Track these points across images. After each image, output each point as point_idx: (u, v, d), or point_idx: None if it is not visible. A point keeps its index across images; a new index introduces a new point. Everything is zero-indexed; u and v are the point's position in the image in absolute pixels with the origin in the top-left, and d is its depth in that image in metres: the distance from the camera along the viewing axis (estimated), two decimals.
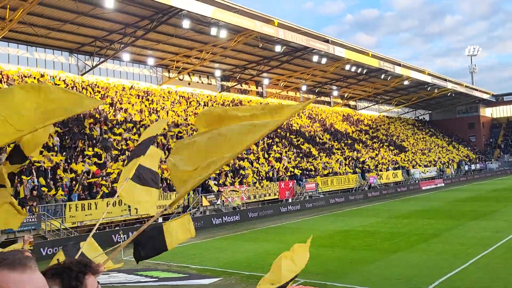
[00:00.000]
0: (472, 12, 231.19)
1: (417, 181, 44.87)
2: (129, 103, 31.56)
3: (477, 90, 70.09)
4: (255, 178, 29.84)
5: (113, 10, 25.55)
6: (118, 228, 20.57)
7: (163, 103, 34.56)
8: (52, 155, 21.85)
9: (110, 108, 29.74)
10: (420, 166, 50.11)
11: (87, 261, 1.69)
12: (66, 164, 21.89)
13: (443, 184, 46.65)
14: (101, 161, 23.39)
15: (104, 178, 22.05)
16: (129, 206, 21.38)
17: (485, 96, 72.70)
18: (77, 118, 26.47)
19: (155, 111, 32.39)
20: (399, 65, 48.16)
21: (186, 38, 32.01)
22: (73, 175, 21.43)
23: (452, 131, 75.47)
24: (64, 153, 22.72)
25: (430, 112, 79.72)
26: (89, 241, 3.80)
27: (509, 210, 24.10)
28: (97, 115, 27.66)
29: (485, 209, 25.10)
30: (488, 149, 75.76)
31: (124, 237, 19.22)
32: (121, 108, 30.22)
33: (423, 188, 43.16)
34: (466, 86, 65.45)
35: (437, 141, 67.06)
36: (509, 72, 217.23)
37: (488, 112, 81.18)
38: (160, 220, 22.96)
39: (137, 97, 33.40)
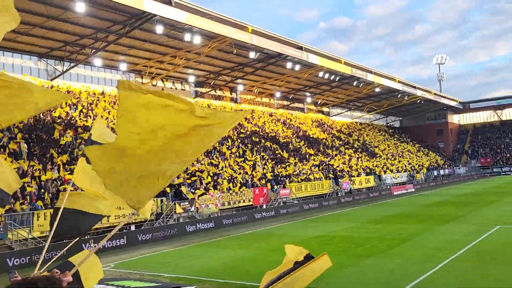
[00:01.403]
0: (441, 22, 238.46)
1: (388, 186, 45.67)
2: (102, 109, 31.00)
3: (445, 97, 72.15)
4: (231, 185, 29.74)
5: (84, 15, 25.09)
6: (88, 237, 20.05)
7: None
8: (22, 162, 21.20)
9: (81, 114, 29.13)
10: (391, 171, 51.06)
11: (56, 278, 1.59)
12: (35, 171, 21.25)
13: (413, 189, 47.62)
14: (72, 167, 22.83)
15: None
16: None
17: (453, 103, 74.91)
18: (46, 125, 25.82)
19: None
20: (371, 72, 49.10)
21: (159, 44, 31.74)
22: (41, 183, 20.83)
23: (421, 137, 77.33)
24: (36, 159, 22.08)
25: (400, 118, 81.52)
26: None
27: (477, 214, 24.79)
28: (70, 120, 27.04)
29: (454, 213, 25.73)
30: (456, 154, 77.94)
31: (95, 246, 18.78)
32: (92, 114, 29.64)
33: (395, 193, 43.94)
34: (434, 94, 67.27)
35: (407, 147, 68.54)
36: (475, 80, 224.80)
37: (455, 119, 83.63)
38: (133, 227, 22.53)
39: (108, 103, 32.85)
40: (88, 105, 30.74)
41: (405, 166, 56.15)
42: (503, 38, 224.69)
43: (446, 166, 66.97)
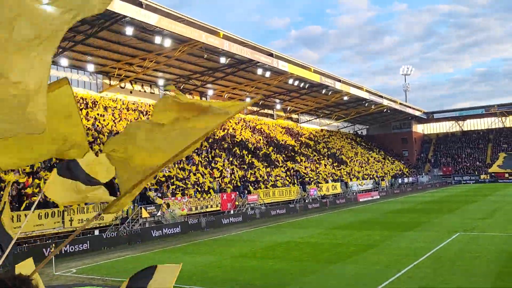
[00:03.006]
0: (408, 34, 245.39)
1: (354, 193, 46.45)
2: None
3: (410, 107, 74.25)
4: (197, 189, 29.53)
5: None
6: (50, 241, 19.46)
7: (103, 111, 33.43)
8: None
9: None
10: (357, 178, 51.99)
11: (25, 277, 1.54)
12: None
13: (378, 196, 48.62)
14: (33, 170, 22.12)
15: (37, 190, 20.82)
16: (62, 218, 20.35)
17: (417, 113, 77.18)
18: None
19: (93, 119, 31.24)
20: (339, 81, 49.96)
21: (129, 46, 31.28)
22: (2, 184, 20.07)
23: (387, 146, 79.20)
24: None
25: (367, 127, 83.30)
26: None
27: (438, 222, 25.55)
28: None
29: (417, 220, 26.43)
30: (419, 163, 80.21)
31: (57, 251, 18.20)
32: None
33: (360, 200, 44.74)
34: (400, 103, 69.12)
35: (373, 155, 70.01)
36: (440, 91, 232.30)
37: (419, 128, 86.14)
38: (97, 232, 22.02)
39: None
40: None
41: (371, 174, 57.32)
42: (466, 51, 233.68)
43: (410, 174, 68.78)
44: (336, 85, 48.24)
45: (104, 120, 32.03)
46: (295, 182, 40.88)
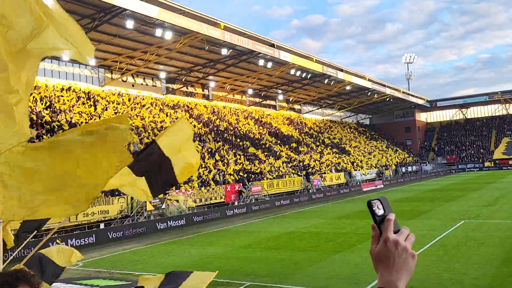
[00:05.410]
0: (410, 21, 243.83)
1: (358, 183, 46.44)
2: (69, 104, 30.25)
3: (413, 95, 73.90)
4: (201, 182, 29.61)
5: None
6: (56, 235, 19.58)
7: (106, 105, 33.45)
8: None
9: (48, 110, 28.35)
10: (361, 168, 51.95)
11: (26, 272, 1.49)
12: None
13: (382, 186, 48.60)
14: None
15: None
16: None
17: (420, 102, 76.83)
18: None
19: (96, 113, 31.27)
20: (342, 70, 49.74)
21: (129, 39, 31.21)
22: None
23: (390, 135, 79.01)
24: None
25: (370, 116, 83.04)
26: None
27: (442, 210, 25.54)
28: (33, 117, 26.24)
29: (421, 208, 26.43)
30: (423, 152, 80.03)
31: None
32: (60, 110, 28.90)
33: (364, 189, 44.74)
34: (403, 92, 68.80)
35: (376, 144, 69.88)
36: (442, 79, 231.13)
37: (423, 117, 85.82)
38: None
39: (77, 98, 32.09)
40: (55, 100, 29.93)
41: (375, 163, 57.26)
42: (469, 38, 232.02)
43: (413, 163, 68.66)
44: (339, 74, 48.04)
45: (107, 113, 32.05)
46: (299, 173, 40.90)
